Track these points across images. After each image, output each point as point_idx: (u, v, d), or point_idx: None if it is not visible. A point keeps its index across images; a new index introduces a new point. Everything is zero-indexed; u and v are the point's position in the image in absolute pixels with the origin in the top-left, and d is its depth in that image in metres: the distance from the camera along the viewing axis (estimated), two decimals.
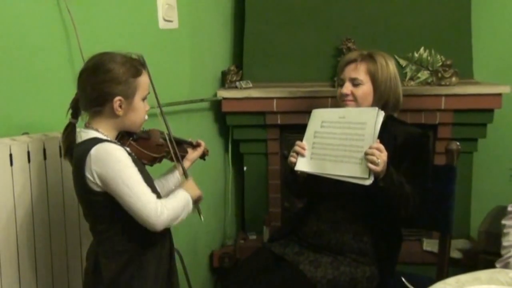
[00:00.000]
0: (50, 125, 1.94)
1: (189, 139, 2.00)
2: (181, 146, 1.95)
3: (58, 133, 1.89)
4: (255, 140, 3.07)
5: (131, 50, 1.69)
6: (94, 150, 1.55)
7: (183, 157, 1.93)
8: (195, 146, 1.99)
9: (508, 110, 2.88)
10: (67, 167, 1.73)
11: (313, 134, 1.96)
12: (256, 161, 3.11)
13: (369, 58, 2.02)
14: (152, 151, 1.76)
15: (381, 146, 1.76)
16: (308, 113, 2.04)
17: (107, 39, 2.18)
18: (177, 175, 1.94)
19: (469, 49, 2.94)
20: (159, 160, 1.82)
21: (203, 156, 2.06)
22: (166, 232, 1.77)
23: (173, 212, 1.61)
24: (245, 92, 2.92)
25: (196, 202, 1.78)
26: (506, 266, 1.74)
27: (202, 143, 2.00)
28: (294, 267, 1.95)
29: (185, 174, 1.87)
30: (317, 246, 2.02)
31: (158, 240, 1.72)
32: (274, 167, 3.09)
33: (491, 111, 2.83)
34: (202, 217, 1.85)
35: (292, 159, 1.97)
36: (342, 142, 1.86)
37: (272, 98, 2.91)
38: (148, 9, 2.50)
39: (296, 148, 1.96)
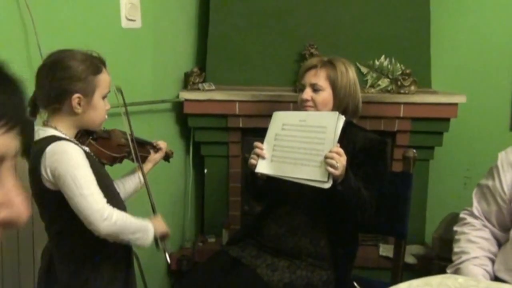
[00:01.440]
0: None
1: (153, 141, 1.98)
2: (144, 147, 1.93)
3: None
4: (217, 143, 3.06)
5: (92, 48, 1.67)
6: (50, 148, 1.53)
7: (145, 158, 1.92)
8: (156, 148, 1.97)
9: (464, 120, 2.96)
10: (22, 166, 1.69)
11: (274, 136, 1.97)
12: (217, 163, 3.10)
13: (329, 64, 2.04)
14: (112, 151, 1.74)
15: (341, 150, 1.78)
16: (270, 116, 2.05)
17: (67, 37, 2.15)
18: (138, 176, 1.92)
19: (428, 59, 3.01)
20: (119, 160, 1.80)
21: (167, 158, 2.05)
22: None
23: (123, 223, 1.58)
24: (207, 94, 2.91)
25: (162, 238, 1.75)
26: (456, 271, 1.77)
27: (163, 146, 1.98)
28: (251, 270, 1.96)
29: (153, 210, 1.84)
30: (275, 249, 2.03)
31: (114, 242, 1.70)
32: (235, 170, 3.09)
33: (447, 120, 2.90)
34: (168, 258, 1.81)
35: (253, 161, 1.97)
36: (302, 145, 1.88)
37: (234, 101, 2.91)
38: (110, 7, 2.46)
39: (257, 150, 1.96)
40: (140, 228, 1.64)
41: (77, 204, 1.52)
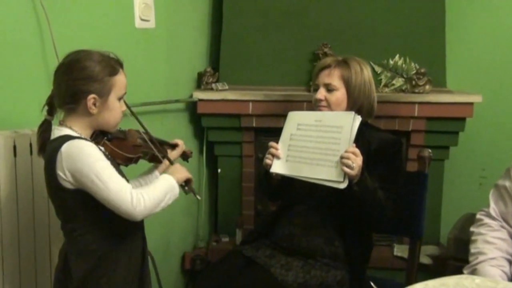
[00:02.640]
0: (21, 122, 1.92)
1: (168, 141, 1.99)
2: (162, 147, 1.94)
3: (29, 130, 1.86)
4: (230, 143, 3.06)
5: (106, 49, 1.68)
6: (65, 147, 1.54)
7: (163, 157, 1.93)
8: (173, 146, 1.99)
9: (479, 119, 2.94)
10: (38, 164, 1.70)
11: (289, 136, 1.96)
12: (230, 163, 3.11)
13: (344, 64, 2.03)
14: (127, 151, 1.74)
15: (357, 150, 1.77)
16: (284, 116, 2.05)
17: (81, 37, 2.16)
18: (156, 175, 1.93)
19: (443, 58, 2.98)
20: (134, 160, 1.80)
21: (186, 158, 2.07)
22: (138, 233, 1.76)
23: (152, 199, 1.59)
24: (221, 94, 2.92)
25: (187, 184, 1.77)
26: (473, 272, 1.76)
27: (179, 143, 2.00)
28: (265, 270, 1.95)
29: (170, 161, 1.86)
30: (289, 249, 2.02)
31: (129, 240, 1.71)
32: (248, 169, 3.09)
33: (463, 119, 2.87)
34: (198, 196, 1.84)
35: (268, 161, 1.97)
36: (318, 145, 1.87)
37: (247, 101, 2.91)
38: (124, 8, 2.48)
39: (272, 150, 1.96)
40: (166, 190, 1.64)
41: (106, 197, 1.53)
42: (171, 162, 1.85)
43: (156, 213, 1.62)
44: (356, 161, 1.75)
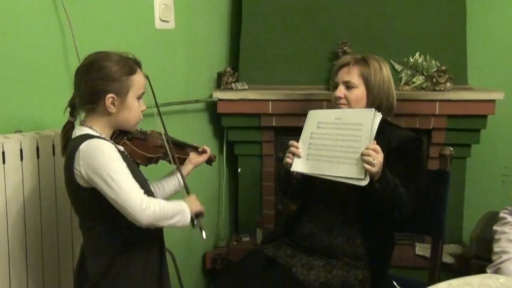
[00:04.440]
0: (44, 123, 1.94)
1: (195, 144, 2.00)
2: (183, 149, 1.95)
3: (51, 131, 1.89)
4: (250, 142, 3.07)
5: (127, 50, 1.70)
6: (83, 146, 1.56)
7: (183, 160, 1.93)
8: (200, 152, 1.99)
9: (501, 117, 2.90)
10: (60, 165, 1.73)
11: (309, 135, 1.96)
12: (250, 162, 3.12)
13: (363, 61, 2.02)
14: (147, 151, 1.76)
15: (378, 147, 1.76)
16: (303, 115, 2.05)
17: (102, 38, 2.19)
18: (178, 177, 1.94)
19: (464, 55, 2.95)
20: (154, 160, 1.81)
21: (210, 162, 2.08)
22: (155, 232, 1.76)
23: (162, 211, 1.58)
24: (240, 93, 2.93)
25: (197, 216, 1.75)
26: (497, 271, 1.74)
27: (208, 150, 2.01)
28: (287, 269, 1.95)
29: (187, 190, 1.85)
30: (310, 248, 2.02)
31: (146, 239, 1.72)
32: (268, 169, 3.09)
33: (484, 117, 2.84)
34: (204, 234, 1.78)
35: (288, 160, 1.96)
36: (338, 143, 1.86)
37: (267, 100, 2.91)
38: (144, 9, 2.50)
39: (292, 149, 1.96)
40: (177, 211, 1.64)
41: (115, 197, 1.53)
42: (188, 192, 1.83)
43: (156, 226, 1.61)
44: (377, 158, 1.74)
